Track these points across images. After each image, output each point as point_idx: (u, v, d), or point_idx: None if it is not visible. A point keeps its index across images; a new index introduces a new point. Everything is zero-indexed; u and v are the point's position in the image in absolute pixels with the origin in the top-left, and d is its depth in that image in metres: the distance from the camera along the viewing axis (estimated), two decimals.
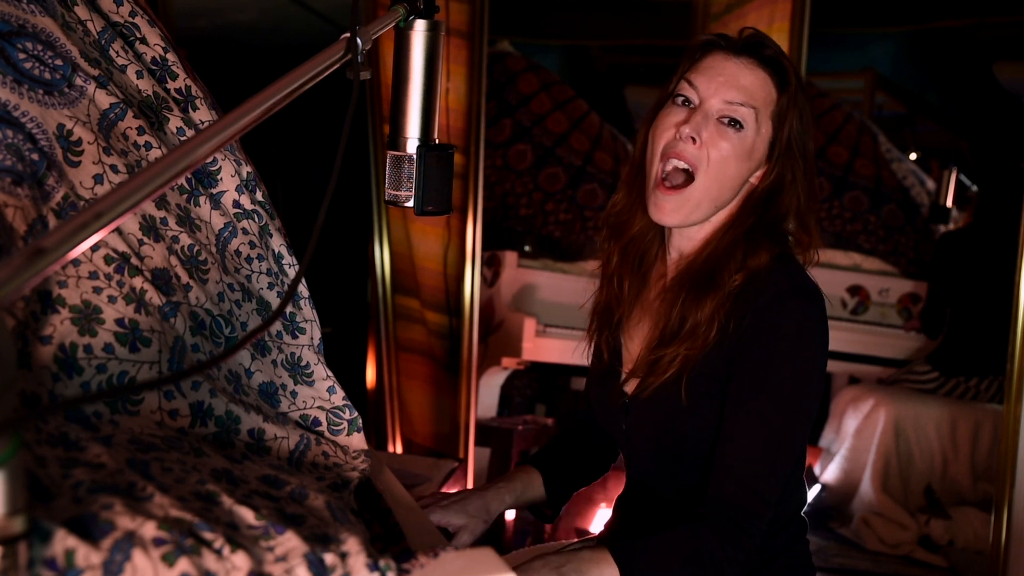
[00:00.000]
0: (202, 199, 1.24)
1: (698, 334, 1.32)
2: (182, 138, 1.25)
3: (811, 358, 1.31)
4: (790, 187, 1.37)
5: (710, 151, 1.33)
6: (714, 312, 1.32)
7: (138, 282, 1.05)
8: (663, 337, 1.37)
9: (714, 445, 1.32)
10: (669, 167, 1.36)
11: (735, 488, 1.27)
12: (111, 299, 1.01)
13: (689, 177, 1.35)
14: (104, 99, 1.15)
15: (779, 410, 1.29)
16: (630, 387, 1.44)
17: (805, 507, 1.48)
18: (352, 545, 0.81)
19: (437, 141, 1.14)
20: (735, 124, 1.34)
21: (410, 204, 1.14)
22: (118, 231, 1.08)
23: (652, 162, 1.38)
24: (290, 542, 0.79)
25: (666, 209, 1.36)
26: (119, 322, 1.00)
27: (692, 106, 1.36)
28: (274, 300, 1.27)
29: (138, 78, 1.25)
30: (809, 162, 1.39)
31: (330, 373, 1.29)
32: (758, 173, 1.39)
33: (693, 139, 1.33)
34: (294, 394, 1.25)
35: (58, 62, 1.11)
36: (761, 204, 1.37)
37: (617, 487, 1.65)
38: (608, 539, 1.31)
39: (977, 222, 4.16)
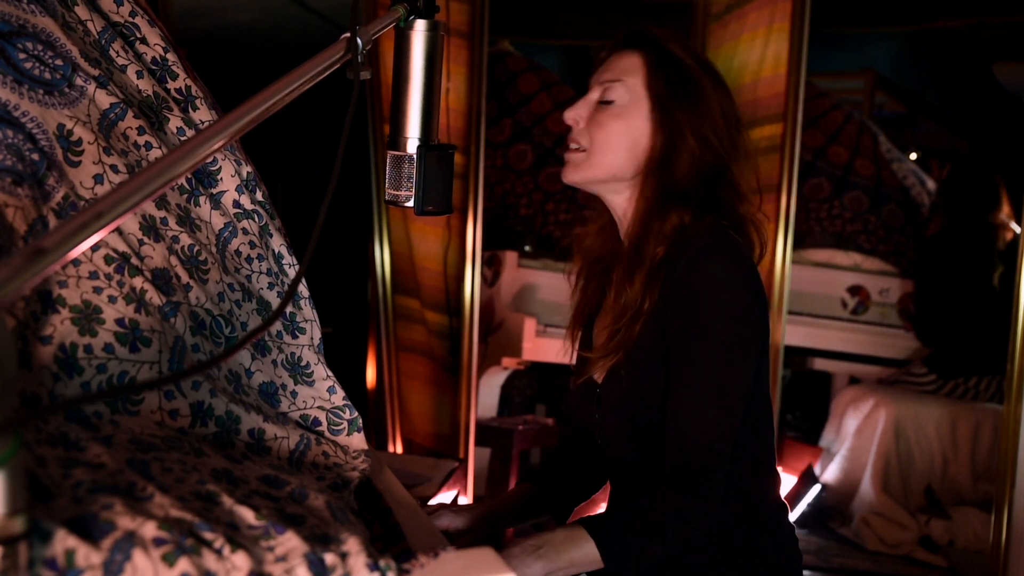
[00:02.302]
0: (202, 199, 1.24)
1: (631, 309, 1.38)
2: (182, 138, 1.25)
3: (738, 309, 1.32)
4: (682, 143, 1.41)
5: (592, 132, 1.44)
6: (644, 286, 1.37)
7: (138, 282, 1.05)
8: (613, 320, 1.43)
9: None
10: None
11: (686, 447, 1.31)
12: (111, 299, 1.01)
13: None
14: (104, 99, 1.15)
15: (714, 364, 1.31)
16: (598, 376, 1.48)
17: (789, 504, 1.51)
18: (352, 545, 0.81)
19: (437, 141, 1.14)
20: (607, 102, 1.45)
21: (410, 204, 1.14)
22: (118, 231, 1.08)
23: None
24: (290, 542, 0.79)
25: (564, 172, 1.47)
26: (119, 322, 1.00)
27: None
28: (274, 300, 1.27)
29: (138, 78, 1.25)
30: (700, 122, 1.41)
31: (330, 373, 1.29)
32: (648, 137, 1.44)
33: (577, 123, 1.46)
34: (294, 394, 1.25)
35: (58, 62, 1.11)
36: (656, 167, 1.43)
37: None
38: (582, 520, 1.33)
39: (950, 225, 4.17)
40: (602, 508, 1.59)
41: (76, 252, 0.69)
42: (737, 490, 1.36)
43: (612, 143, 1.43)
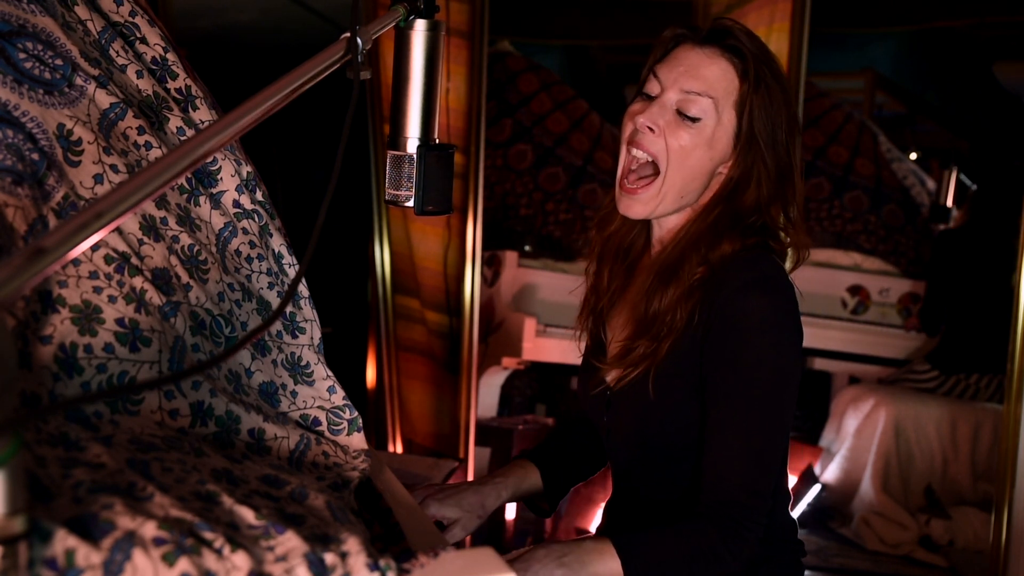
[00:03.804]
0: (202, 199, 1.24)
1: (663, 324, 1.33)
2: (182, 138, 1.25)
3: (780, 349, 1.29)
4: (756, 179, 1.34)
5: (669, 141, 1.33)
6: (676, 303, 1.32)
7: (138, 282, 1.05)
8: (636, 329, 1.38)
9: (691, 441, 1.32)
10: (632, 161, 1.37)
11: (726, 487, 1.27)
12: (111, 299, 1.01)
13: (656, 169, 1.35)
14: (104, 99, 1.15)
15: (756, 404, 1.28)
16: (611, 379, 1.44)
17: (790, 506, 1.47)
18: (352, 545, 0.81)
19: (437, 141, 1.14)
20: (692, 118, 1.33)
21: (410, 204, 1.14)
22: (118, 231, 1.08)
23: (620, 155, 1.40)
24: (290, 542, 0.79)
25: (628, 204, 1.37)
26: (119, 322, 1.00)
27: (654, 97, 1.36)
28: (274, 300, 1.27)
29: (138, 78, 1.25)
30: (779, 153, 1.35)
31: (330, 373, 1.29)
32: (727, 164, 1.37)
33: (651, 128, 1.34)
34: (294, 394, 1.25)
35: (58, 62, 1.11)
36: (726, 196, 1.36)
37: None
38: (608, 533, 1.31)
39: (973, 221, 4.17)
40: (602, 508, 1.59)
41: (76, 252, 0.69)
42: None
43: (690, 169, 1.34)
